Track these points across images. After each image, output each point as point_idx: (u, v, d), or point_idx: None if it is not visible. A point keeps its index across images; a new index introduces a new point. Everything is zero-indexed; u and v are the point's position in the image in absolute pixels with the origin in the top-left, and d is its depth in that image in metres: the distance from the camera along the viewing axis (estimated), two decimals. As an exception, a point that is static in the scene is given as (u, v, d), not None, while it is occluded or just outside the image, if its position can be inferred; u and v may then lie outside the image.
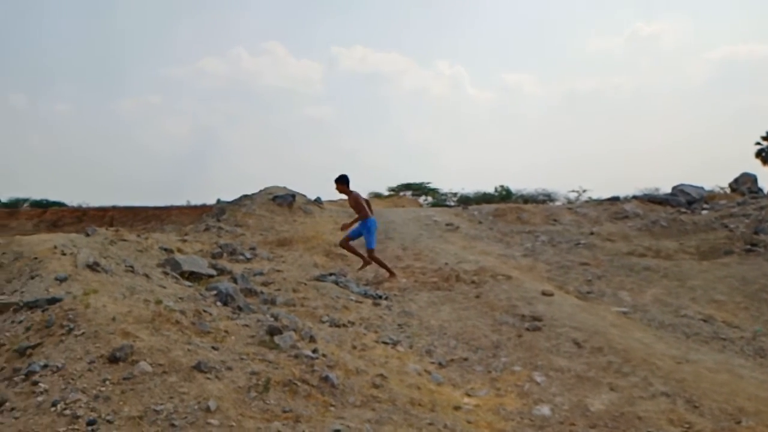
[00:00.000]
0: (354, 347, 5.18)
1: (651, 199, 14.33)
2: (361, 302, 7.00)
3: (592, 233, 11.47)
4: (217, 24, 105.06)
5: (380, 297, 7.43)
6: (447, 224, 12.31)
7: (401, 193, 38.17)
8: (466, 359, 5.33)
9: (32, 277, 5.18)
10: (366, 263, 8.75)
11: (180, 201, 38.95)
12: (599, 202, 15.73)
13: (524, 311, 6.44)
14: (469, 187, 40.75)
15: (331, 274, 8.37)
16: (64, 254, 5.75)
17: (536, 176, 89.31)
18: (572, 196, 28.77)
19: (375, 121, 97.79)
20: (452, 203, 34.57)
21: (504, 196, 32.61)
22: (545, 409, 4.32)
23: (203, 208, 35.94)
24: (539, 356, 5.32)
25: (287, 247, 10.72)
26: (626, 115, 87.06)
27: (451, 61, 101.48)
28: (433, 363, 5.17)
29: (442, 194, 38.26)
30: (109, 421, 3.06)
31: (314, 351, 4.44)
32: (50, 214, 36.63)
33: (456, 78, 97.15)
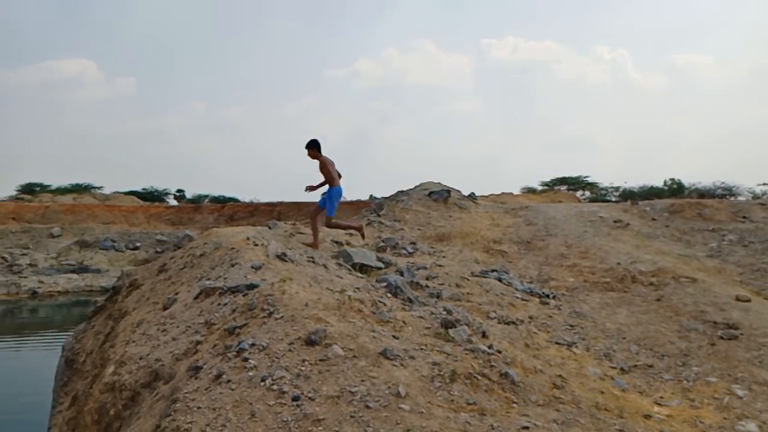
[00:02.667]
0: (527, 346, 5.08)
1: None
2: (527, 300, 6.85)
3: (792, 232, 10.03)
4: (371, 25, 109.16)
5: (547, 296, 7.20)
6: (615, 221, 11.53)
7: (556, 188, 36.68)
8: (650, 366, 4.97)
9: (232, 265, 5.80)
10: (359, 230, 8.58)
11: (334, 196, 41.17)
12: (799, 196, 13.66)
13: (716, 318, 5.82)
14: (632, 181, 37.90)
15: (493, 271, 8.30)
16: (256, 245, 6.36)
17: (712, 168, 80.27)
18: (760, 189, 25.42)
19: (527, 113, 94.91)
20: (613, 198, 32.42)
21: (675, 190, 29.75)
22: (751, 426, 3.89)
23: (358, 204, 37.72)
24: (738, 368, 4.78)
25: (446, 243, 10.81)
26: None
27: (612, 45, 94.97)
28: (613, 368, 4.89)
29: (602, 188, 36.04)
30: (311, 398, 3.33)
31: (489, 347, 4.43)
32: (227, 209, 40.96)
33: (617, 63, 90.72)
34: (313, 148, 7.82)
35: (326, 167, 7.79)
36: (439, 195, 14.59)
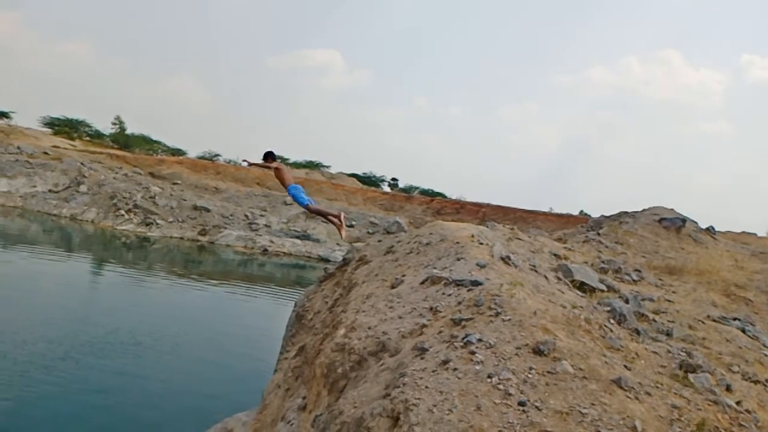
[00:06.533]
0: (781, 413, 4.37)
1: None
2: (779, 361, 5.87)
3: None
4: (612, 32, 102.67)
5: (807, 362, 6.08)
6: None
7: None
8: None
9: (458, 259, 5.99)
10: (336, 218, 7.75)
11: (542, 206, 40.14)
12: None
13: None
14: None
15: (735, 319, 7.29)
16: (480, 243, 6.47)
17: None
18: None
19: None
20: None
21: None
22: None
23: (568, 218, 36.07)
24: None
25: (676, 277, 9.78)
26: None
27: None
28: None
29: None
30: (537, 408, 3.29)
31: (738, 402, 3.91)
32: (435, 203, 42.30)
33: None
34: (271, 158, 7.93)
35: (280, 173, 7.97)
36: (672, 223, 13.23)
